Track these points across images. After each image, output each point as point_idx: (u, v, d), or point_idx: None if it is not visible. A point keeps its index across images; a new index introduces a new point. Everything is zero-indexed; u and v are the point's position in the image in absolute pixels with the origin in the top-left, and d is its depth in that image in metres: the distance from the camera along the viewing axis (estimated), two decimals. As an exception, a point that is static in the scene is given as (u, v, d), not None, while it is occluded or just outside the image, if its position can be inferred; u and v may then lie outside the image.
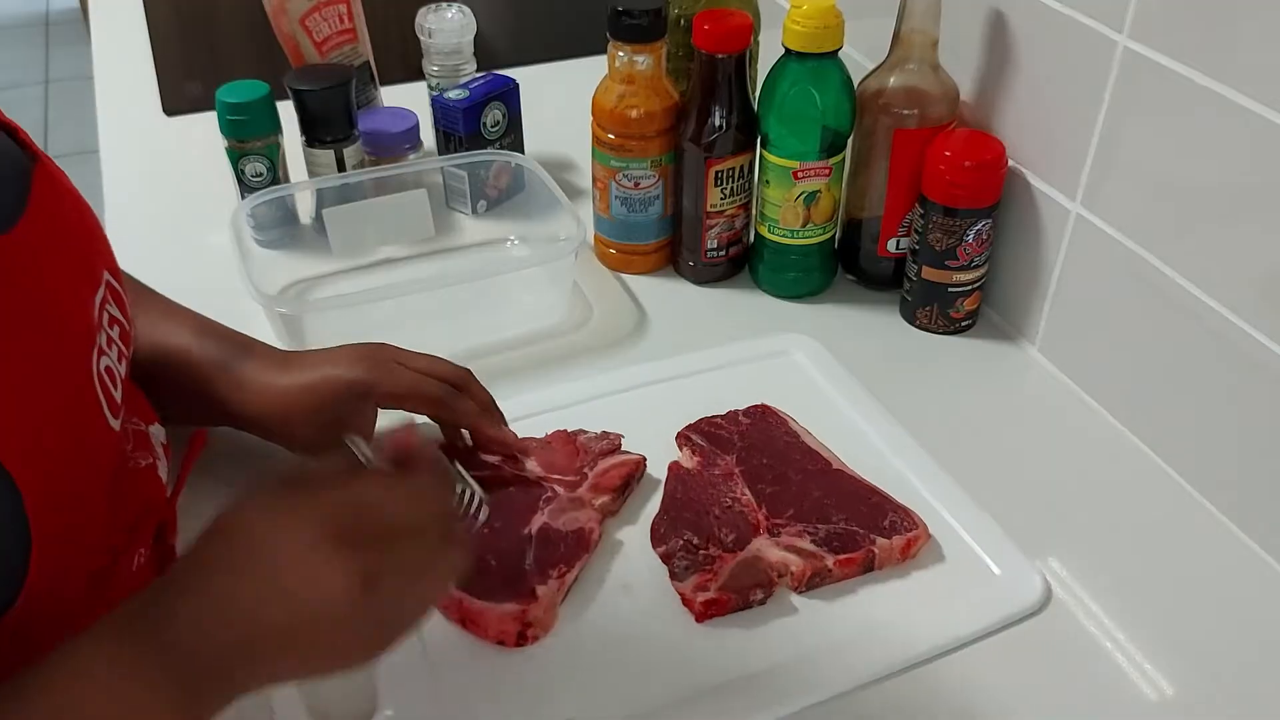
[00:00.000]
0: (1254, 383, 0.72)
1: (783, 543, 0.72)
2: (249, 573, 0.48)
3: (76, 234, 0.57)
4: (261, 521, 0.50)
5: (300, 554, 0.48)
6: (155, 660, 0.46)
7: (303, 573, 0.48)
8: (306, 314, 0.90)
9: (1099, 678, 0.67)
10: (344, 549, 0.49)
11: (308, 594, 0.48)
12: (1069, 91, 0.82)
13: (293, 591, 0.48)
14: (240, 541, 0.49)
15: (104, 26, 1.45)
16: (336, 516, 0.50)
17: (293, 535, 0.49)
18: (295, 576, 0.48)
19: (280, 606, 0.48)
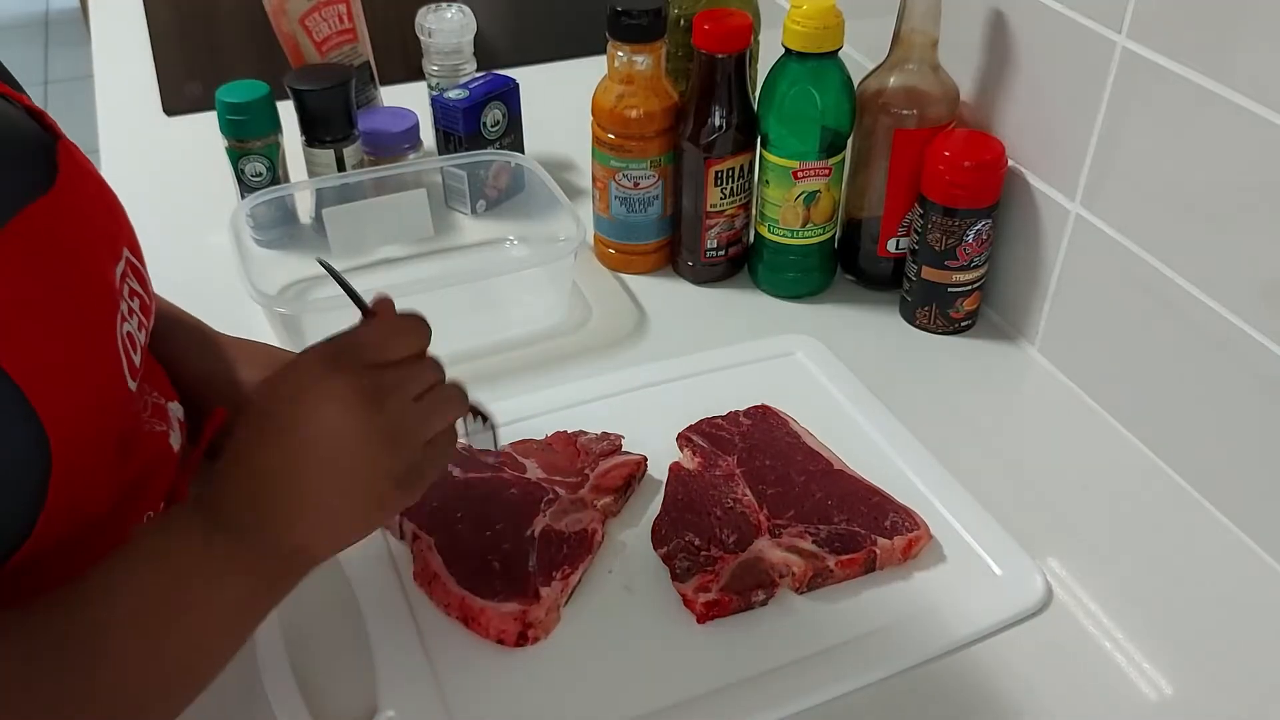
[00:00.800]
0: (1254, 383, 0.72)
1: (784, 543, 0.72)
2: (266, 434, 0.53)
3: (98, 208, 0.60)
4: (266, 389, 0.54)
5: (297, 393, 0.53)
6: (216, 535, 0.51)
7: (303, 406, 0.52)
8: (306, 314, 0.90)
9: (1099, 678, 0.67)
10: (338, 376, 0.52)
11: (311, 423, 0.52)
12: (1068, 92, 0.82)
13: (296, 427, 0.52)
14: (254, 413, 0.54)
15: (104, 26, 1.45)
16: (328, 355, 0.54)
17: (288, 383, 0.54)
18: (296, 413, 0.52)
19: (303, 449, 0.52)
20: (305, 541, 0.54)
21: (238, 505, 0.53)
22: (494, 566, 0.70)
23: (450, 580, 0.69)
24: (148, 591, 0.51)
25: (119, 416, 0.59)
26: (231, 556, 0.52)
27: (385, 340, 0.55)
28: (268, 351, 0.78)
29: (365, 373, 0.53)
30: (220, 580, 0.52)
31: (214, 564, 0.52)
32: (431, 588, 0.69)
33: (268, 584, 0.54)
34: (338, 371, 0.53)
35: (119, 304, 0.58)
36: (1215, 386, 0.76)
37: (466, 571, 0.69)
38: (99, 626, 0.49)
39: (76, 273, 0.56)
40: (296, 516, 0.53)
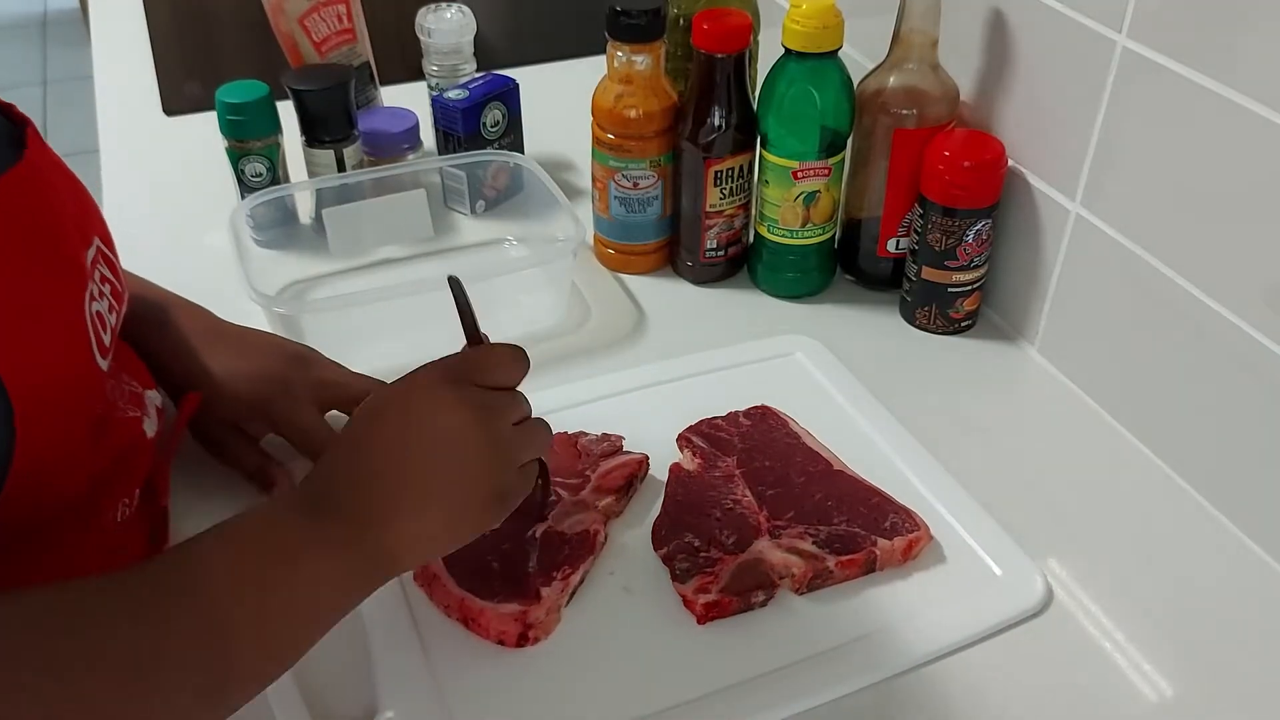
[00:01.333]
0: (1253, 383, 0.72)
1: (784, 544, 0.72)
2: (378, 435, 0.56)
3: (66, 195, 0.60)
4: (383, 394, 0.58)
5: (414, 396, 0.57)
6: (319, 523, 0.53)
7: (418, 408, 0.56)
8: (305, 314, 0.90)
9: (1099, 678, 0.67)
10: (454, 389, 0.56)
11: (425, 423, 0.55)
12: (1068, 91, 0.82)
13: (409, 425, 0.55)
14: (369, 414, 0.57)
15: (104, 26, 1.45)
16: (444, 373, 0.58)
17: (408, 386, 0.57)
18: (411, 413, 0.56)
19: (411, 451, 0.55)
20: (393, 544, 0.55)
21: (344, 495, 0.55)
22: (494, 567, 0.70)
23: (450, 581, 0.69)
24: (251, 561, 0.52)
25: (88, 395, 0.59)
26: (331, 540, 0.53)
27: (495, 366, 0.60)
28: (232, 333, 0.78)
29: (478, 392, 0.57)
30: (312, 566, 0.53)
31: (314, 544, 0.53)
32: (431, 588, 0.69)
33: (352, 579, 0.55)
34: (453, 385, 0.57)
35: (87, 283, 0.59)
36: (1215, 386, 0.76)
37: (466, 572, 0.69)
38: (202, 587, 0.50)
39: (43, 248, 0.56)
40: (392, 516, 0.55)
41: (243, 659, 0.51)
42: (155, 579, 0.50)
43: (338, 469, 0.56)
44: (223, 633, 0.50)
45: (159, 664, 0.47)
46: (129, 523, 0.64)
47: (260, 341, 0.79)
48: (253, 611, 0.51)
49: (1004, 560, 0.73)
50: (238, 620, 0.50)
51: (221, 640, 0.49)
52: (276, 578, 0.52)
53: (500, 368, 0.60)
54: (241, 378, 0.75)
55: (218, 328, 0.78)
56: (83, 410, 0.58)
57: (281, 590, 0.52)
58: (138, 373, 0.70)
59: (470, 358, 0.60)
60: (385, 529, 0.55)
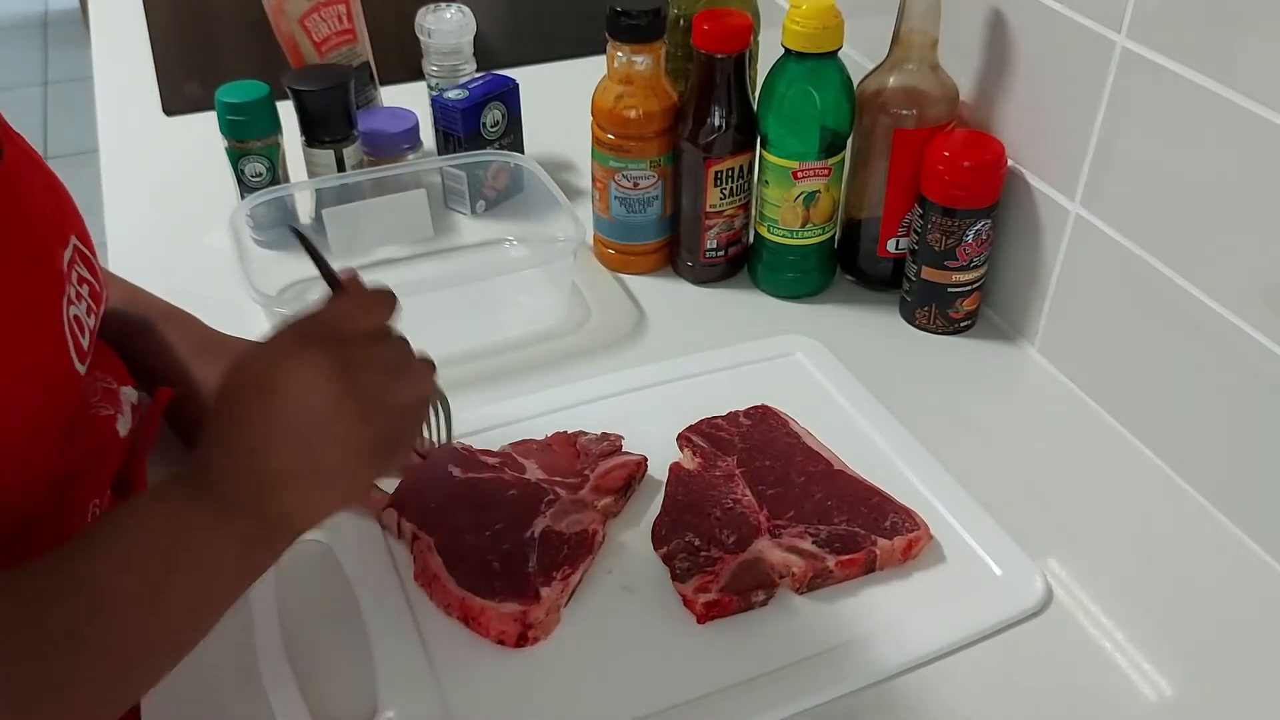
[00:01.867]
0: (1253, 382, 0.72)
1: (784, 544, 0.72)
2: (245, 405, 0.54)
3: (44, 195, 0.60)
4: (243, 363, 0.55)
5: (275, 366, 0.53)
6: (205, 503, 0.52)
7: (281, 379, 0.53)
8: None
9: (1099, 678, 0.67)
10: (312, 349, 0.53)
11: (290, 395, 0.52)
12: (1068, 91, 0.82)
13: (276, 399, 0.53)
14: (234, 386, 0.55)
15: (104, 26, 1.45)
16: (299, 331, 0.55)
17: (266, 355, 0.54)
18: (275, 385, 0.53)
19: (281, 419, 0.53)
20: (288, 510, 0.54)
21: (222, 475, 0.53)
22: (494, 567, 0.70)
23: (450, 581, 0.69)
24: (140, 550, 0.51)
25: (64, 400, 0.59)
26: (218, 523, 0.53)
27: (355, 313, 0.56)
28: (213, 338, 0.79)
29: (337, 346, 0.54)
30: (208, 544, 0.52)
31: (202, 528, 0.52)
32: (431, 588, 0.69)
33: (253, 551, 0.54)
34: (311, 345, 0.53)
35: (65, 286, 0.59)
36: (1215, 386, 0.76)
37: (466, 572, 0.69)
38: (93, 581, 0.50)
39: (20, 250, 0.56)
40: (278, 486, 0.53)
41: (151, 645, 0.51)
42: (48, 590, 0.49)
43: (214, 448, 0.54)
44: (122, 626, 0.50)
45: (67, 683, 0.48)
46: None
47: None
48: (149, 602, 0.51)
49: (1004, 560, 0.73)
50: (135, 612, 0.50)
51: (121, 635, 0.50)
52: (172, 564, 0.52)
53: (362, 313, 0.57)
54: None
55: (211, 337, 0.79)
56: (57, 415, 0.58)
57: (178, 577, 0.52)
58: (114, 369, 0.70)
59: (329, 310, 0.57)
60: (273, 499, 0.54)
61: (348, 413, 0.53)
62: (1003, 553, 0.73)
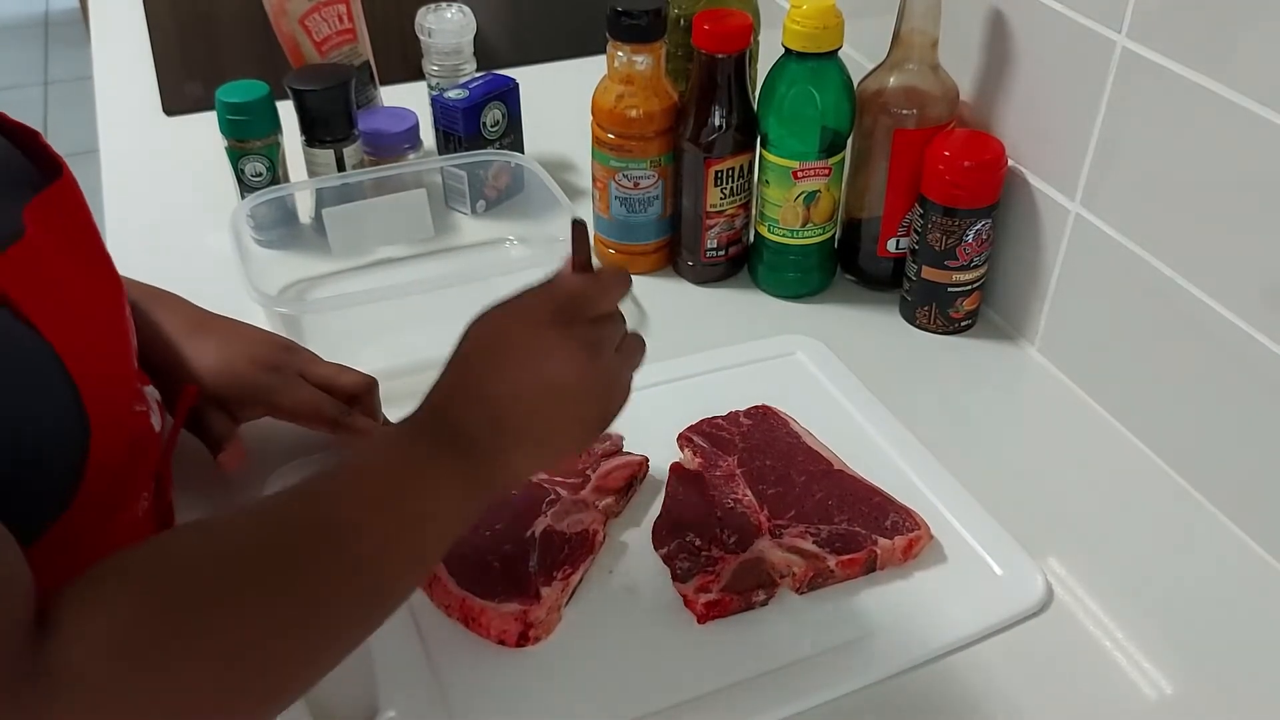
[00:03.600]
0: (1253, 382, 0.72)
1: (785, 544, 0.72)
2: (499, 369, 0.58)
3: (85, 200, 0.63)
4: (496, 318, 0.60)
5: (532, 336, 0.59)
6: (445, 452, 0.56)
7: (538, 350, 0.58)
8: (306, 314, 0.90)
9: (1099, 678, 0.67)
10: (567, 328, 0.59)
11: (545, 367, 0.58)
12: (1068, 91, 0.82)
13: (531, 367, 0.58)
14: (487, 346, 0.59)
15: (104, 27, 1.45)
16: (554, 304, 0.60)
17: (523, 324, 0.59)
18: (532, 355, 0.58)
19: (533, 390, 0.58)
20: (513, 465, 0.59)
21: (470, 428, 0.57)
22: (494, 567, 0.70)
23: (451, 581, 0.69)
24: (387, 493, 0.54)
25: (129, 399, 0.61)
26: (455, 472, 0.56)
27: (599, 295, 0.62)
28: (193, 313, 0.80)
29: (588, 328, 0.60)
30: (439, 492, 0.56)
31: (439, 477, 0.56)
32: (432, 589, 0.69)
33: (476, 502, 0.58)
34: (567, 324, 0.59)
35: (123, 288, 0.61)
36: (1215, 386, 0.76)
37: (467, 572, 0.69)
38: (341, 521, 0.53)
39: (93, 256, 0.59)
40: (518, 444, 0.58)
41: (390, 580, 0.54)
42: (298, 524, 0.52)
43: (462, 403, 0.58)
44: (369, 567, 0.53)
45: (319, 611, 0.50)
46: (146, 515, 0.64)
47: (247, 329, 0.80)
48: (392, 542, 0.54)
49: (1004, 560, 0.73)
50: (382, 553, 0.53)
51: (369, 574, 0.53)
52: (414, 510, 0.55)
53: (606, 295, 0.62)
54: (240, 362, 0.76)
55: (204, 318, 0.80)
56: (127, 414, 0.60)
57: (417, 516, 0.55)
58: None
59: (579, 290, 0.62)
60: (507, 458, 0.58)
61: (587, 392, 0.59)
62: (1003, 552, 0.73)
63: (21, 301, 0.50)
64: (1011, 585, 0.71)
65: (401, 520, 0.54)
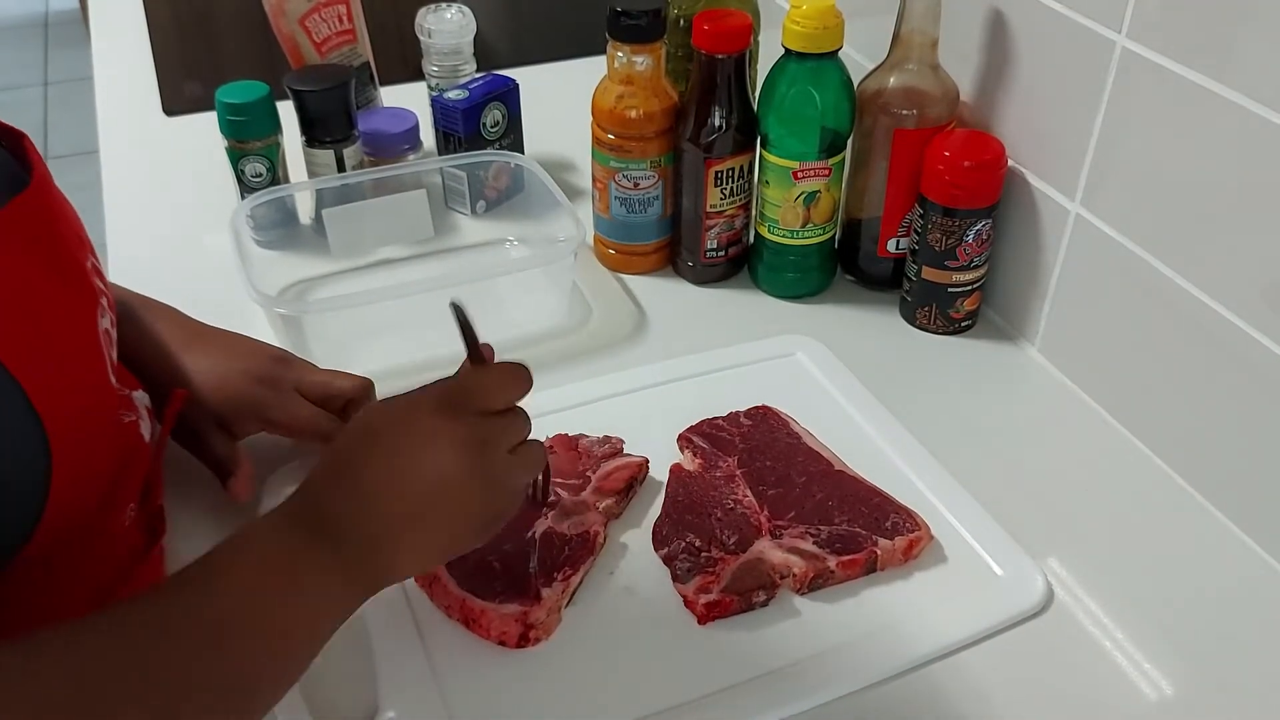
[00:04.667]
0: (1253, 382, 0.72)
1: (785, 544, 0.72)
2: (376, 458, 0.57)
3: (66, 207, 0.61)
4: (379, 409, 0.59)
5: (412, 424, 0.57)
6: (319, 544, 0.54)
7: (416, 438, 0.57)
8: (306, 314, 0.90)
9: (1099, 678, 0.67)
10: (452, 418, 0.57)
11: (422, 456, 0.56)
12: (1068, 91, 0.82)
13: (407, 454, 0.56)
14: (366, 434, 0.58)
15: (104, 27, 1.45)
16: (441, 395, 0.58)
17: (405, 412, 0.58)
18: (409, 442, 0.56)
19: (409, 480, 0.56)
20: (394, 562, 0.57)
21: (342, 518, 0.55)
22: (495, 568, 0.70)
23: (451, 582, 0.69)
24: (255, 586, 0.53)
25: (107, 413, 0.60)
26: (331, 567, 0.55)
27: (495, 391, 0.60)
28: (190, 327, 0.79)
29: (476, 421, 0.58)
30: (319, 583, 0.55)
31: (315, 572, 0.54)
32: (432, 589, 0.69)
33: (354, 596, 0.56)
34: (453, 415, 0.57)
35: (98, 299, 0.60)
36: (1215, 386, 0.76)
37: (467, 573, 0.69)
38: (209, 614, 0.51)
39: (61, 269, 0.57)
40: (394, 539, 0.56)
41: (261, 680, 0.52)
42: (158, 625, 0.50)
43: (337, 492, 0.56)
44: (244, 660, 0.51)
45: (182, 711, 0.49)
46: (132, 525, 0.64)
47: (242, 342, 0.79)
48: (264, 637, 0.52)
49: (1004, 560, 0.73)
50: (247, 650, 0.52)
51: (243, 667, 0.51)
52: (286, 600, 0.54)
53: (500, 390, 0.60)
54: (234, 378, 0.75)
55: (197, 328, 0.79)
56: (104, 428, 0.59)
57: (289, 611, 0.54)
58: (122, 375, 0.70)
59: (470, 383, 0.60)
60: (383, 553, 0.56)
61: (473, 488, 0.57)
62: (1003, 553, 0.73)
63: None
64: (1011, 585, 0.71)
65: (273, 615, 0.53)
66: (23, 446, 0.50)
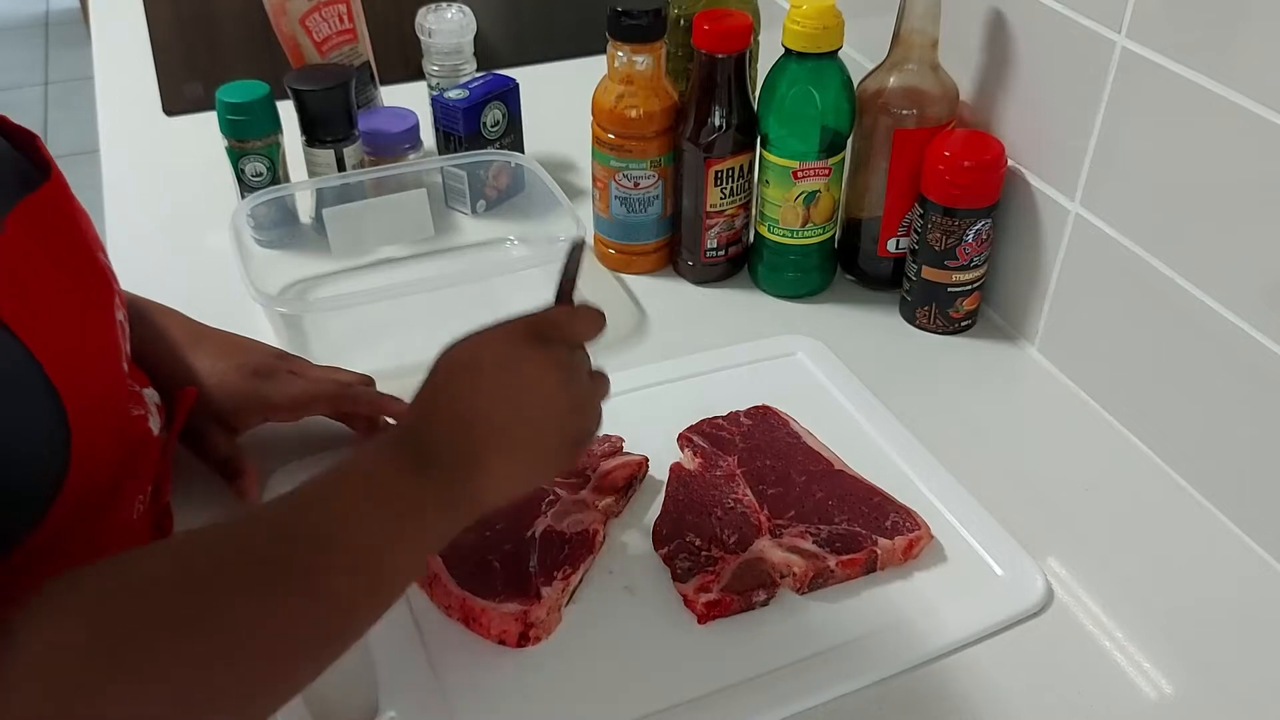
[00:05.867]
0: (1253, 382, 0.72)
1: (785, 544, 0.72)
2: (471, 383, 0.58)
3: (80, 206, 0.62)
4: (470, 340, 0.60)
5: (508, 352, 0.59)
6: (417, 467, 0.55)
7: (513, 365, 0.58)
8: (306, 314, 0.90)
9: (1099, 678, 0.67)
10: (543, 347, 0.59)
11: (520, 381, 0.58)
12: (1068, 91, 0.82)
13: (506, 381, 0.58)
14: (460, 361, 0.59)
15: (104, 27, 1.45)
16: (531, 325, 0.60)
17: (499, 341, 0.59)
18: (507, 370, 0.58)
19: (504, 402, 0.57)
20: (492, 482, 0.58)
21: (444, 445, 0.57)
22: (495, 567, 0.70)
23: (451, 581, 0.69)
24: (368, 507, 0.54)
25: (121, 403, 0.61)
26: (435, 493, 0.56)
27: (576, 325, 0.63)
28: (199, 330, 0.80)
29: (563, 349, 0.60)
30: (423, 514, 0.56)
31: (421, 498, 0.55)
32: (432, 588, 0.69)
33: (452, 521, 0.57)
34: (543, 344, 0.59)
35: (115, 290, 0.61)
36: (1215, 386, 0.76)
37: (467, 572, 0.69)
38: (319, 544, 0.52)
39: (79, 260, 0.58)
40: (493, 462, 0.57)
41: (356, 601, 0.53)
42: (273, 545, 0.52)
43: (435, 417, 0.58)
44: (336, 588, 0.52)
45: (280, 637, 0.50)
46: (141, 518, 0.65)
47: (240, 342, 0.80)
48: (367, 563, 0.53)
49: (1004, 560, 0.73)
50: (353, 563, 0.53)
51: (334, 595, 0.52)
52: (393, 531, 0.54)
53: (582, 326, 0.63)
54: (232, 373, 0.77)
55: (200, 330, 0.80)
56: (117, 417, 0.60)
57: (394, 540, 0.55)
58: (133, 372, 0.71)
59: (557, 317, 0.62)
60: (481, 478, 0.57)
61: (563, 408, 0.59)
62: (1003, 552, 0.73)
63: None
64: (1011, 585, 0.71)
65: (374, 539, 0.53)
66: (44, 423, 0.52)
